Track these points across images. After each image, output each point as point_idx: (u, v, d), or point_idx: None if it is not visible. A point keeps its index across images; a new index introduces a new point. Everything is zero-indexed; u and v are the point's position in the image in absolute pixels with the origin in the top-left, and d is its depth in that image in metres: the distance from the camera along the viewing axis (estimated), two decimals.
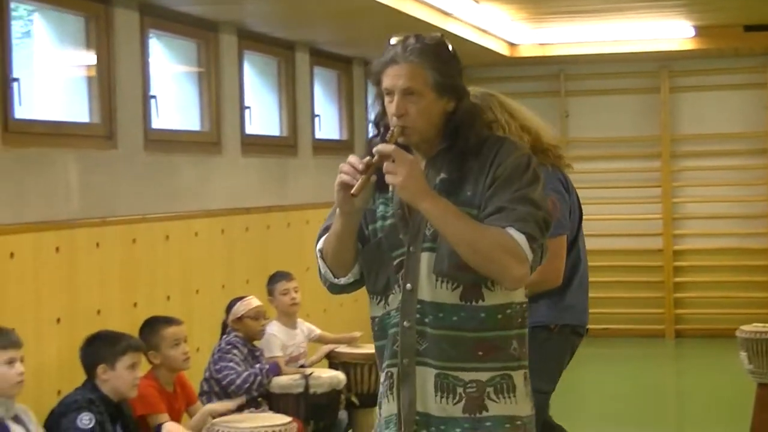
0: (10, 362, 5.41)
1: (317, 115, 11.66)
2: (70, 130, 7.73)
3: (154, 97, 8.46)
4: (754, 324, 9.14)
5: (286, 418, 6.48)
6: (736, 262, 14.13)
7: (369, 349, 8.21)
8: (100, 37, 7.97)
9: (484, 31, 11.65)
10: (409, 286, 3.82)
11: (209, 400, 7.01)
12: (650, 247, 14.30)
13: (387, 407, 3.94)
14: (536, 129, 5.66)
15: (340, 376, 7.76)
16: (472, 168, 3.78)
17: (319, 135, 11.65)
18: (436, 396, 3.84)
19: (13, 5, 7.09)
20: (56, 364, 6.69)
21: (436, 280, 3.80)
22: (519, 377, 3.86)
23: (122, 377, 5.94)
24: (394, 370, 3.88)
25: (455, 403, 3.82)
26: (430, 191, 3.69)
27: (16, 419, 5.38)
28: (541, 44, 13.22)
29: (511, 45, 13.01)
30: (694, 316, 14.29)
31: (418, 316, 3.82)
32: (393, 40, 3.82)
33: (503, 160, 3.74)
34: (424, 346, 3.83)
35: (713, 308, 14.04)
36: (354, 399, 8.16)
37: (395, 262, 3.86)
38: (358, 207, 3.74)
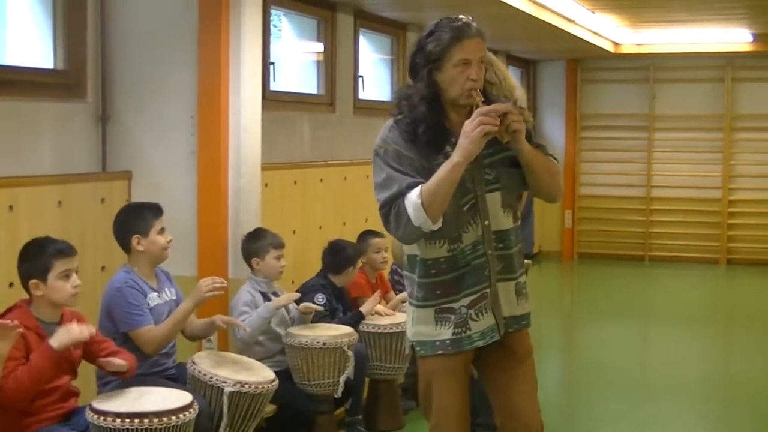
0: (278, 258, 5.66)
1: None
2: (306, 99, 8.06)
3: (361, 76, 8.72)
4: None
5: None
6: None
7: None
8: (327, 33, 8.26)
9: (596, 33, 11.67)
10: (486, 222, 3.66)
11: None
12: (713, 196, 14.14)
13: (480, 323, 3.73)
14: (519, 94, 5.02)
15: None
16: None
17: None
18: (518, 300, 3.79)
19: (272, 11, 7.55)
20: (292, 262, 6.74)
21: (504, 212, 3.71)
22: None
23: (351, 275, 6.23)
24: (487, 291, 3.71)
25: (526, 301, 3.82)
26: None
27: (275, 294, 5.67)
28: (637, 44, 13.15)
29: (616, 44, 12.99)
30: (741, 248, 14.21)
31: (494, 244, 3.69)
32: (460, 20, 3.61)
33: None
34: (500, 266, 3.71)
35: (757, 243, 13.99)
36: None
37: (466, 207, 3.65)
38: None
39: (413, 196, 3.54)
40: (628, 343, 9.59)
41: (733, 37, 12.65)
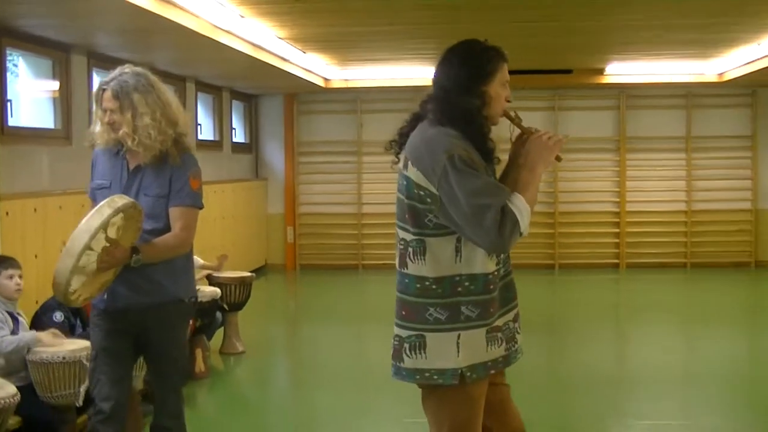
0: (11, 277, 5.59)
1: None
2: (43, 133, 7.97)
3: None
4: None
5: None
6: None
7: (235, 273, 8.55)
8: (62, 72, 8.21)
9: (309, 70, 11.95)
10: None
11: None
12: None
13: (521, 336, 3.55)
14: (182, 121, 4.27)
15: (216, 290, 7.82)
16: None
17: None
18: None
19: (8, 52, 7.40)
20: (34, 284, 6.80)
21: None
22: None
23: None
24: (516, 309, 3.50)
25: None
26: None
27: (19, 315, 5.61)
28: (345, 80, 13.46)
29: (326, 80, 13.29)
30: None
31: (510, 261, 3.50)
32: (486, 42, 3.42)
33: None
34: None
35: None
36: (225, 305, 8.23)
37: None
38: None
39: (522, 204, 3.22)
40: (345, 342, 9.86)
41: (422, 73, 13.25)
